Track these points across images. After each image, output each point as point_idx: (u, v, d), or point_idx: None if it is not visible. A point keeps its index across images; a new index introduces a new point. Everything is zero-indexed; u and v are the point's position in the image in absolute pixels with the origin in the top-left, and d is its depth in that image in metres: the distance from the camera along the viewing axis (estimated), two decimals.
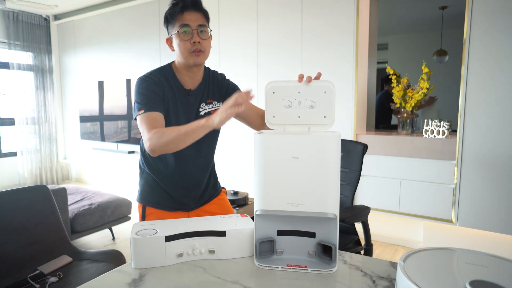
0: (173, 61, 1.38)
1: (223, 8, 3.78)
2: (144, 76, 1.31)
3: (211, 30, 1.33)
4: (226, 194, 1.61)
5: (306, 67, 3.30)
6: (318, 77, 1.09)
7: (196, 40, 1.27)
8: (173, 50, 1.34)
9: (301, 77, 1.06)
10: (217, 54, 3.85)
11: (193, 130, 1.11)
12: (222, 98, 1.43)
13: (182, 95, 1.35)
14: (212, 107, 1.41)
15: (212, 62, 3.87)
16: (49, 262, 1.76)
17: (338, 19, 3.09)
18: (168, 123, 1.29)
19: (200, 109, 1.38)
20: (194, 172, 1.40)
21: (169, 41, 1.35)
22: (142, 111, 1.22)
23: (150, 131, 1.17)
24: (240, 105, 1.02)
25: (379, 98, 4.26)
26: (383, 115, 4.29)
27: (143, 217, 1.43)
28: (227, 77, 1.48)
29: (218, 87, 1.43)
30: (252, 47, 3.62)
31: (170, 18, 1.30)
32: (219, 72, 1.49)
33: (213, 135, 1.43)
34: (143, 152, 1.41)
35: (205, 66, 1.41)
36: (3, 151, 5.34)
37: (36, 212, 1.85)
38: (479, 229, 2.66)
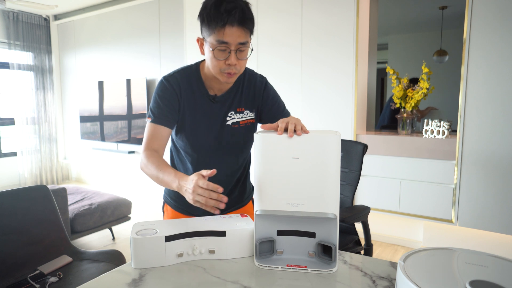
0: (203, 60, 1.21)
1: None
2: (164, 78, 1.20)
3: (252, 50, 1.13)
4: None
5: (306, 67, 3.30)
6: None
7: (233, 63, 1.08)
8: (203, 53, 1.15)
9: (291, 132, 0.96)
10: None
11: (164, 183, 1.08)
12: (256, 109, 1.26)
13: (205, 101, 1.20)
14: (242, 117, 1.24)
15: None
16: (49, 262, 1.76)
17: (338, 19, 3.09)
18: (187, 132, 1.22)
19: (228, 118, 1.22)
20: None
21: (200, 41, 1.15)
22: (150, 119, 1.19)
23: (145, 149, 1.16)
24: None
25: (390, 100, 4.21)
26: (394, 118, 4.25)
27: (163, 213, 1.42)
28: (270, 84, 1.29)
29: (254, 95, 1.25)
30: (252, 42, 3.61)
31: (207, 21, 1.06)
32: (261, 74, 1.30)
33: (243, 148, 1.29)
34: (171, 150, 1.36)
35: None
36: (3, 151, 5.34)
37: (36, 212, 1.85)
38: (479, 229, 2.66)
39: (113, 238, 3.36)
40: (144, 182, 4.89)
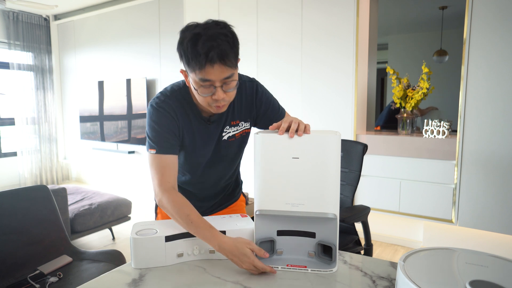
0: None
1: (223, 3, 3.78)
2: (156, 104, 1.12)
3: (237, 81, 1.05)
4: (246, 201, 1.51)
5: (306, 67, 3.30)
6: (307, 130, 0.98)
7: (220, 98, 1.02)
8: (188, 85, 1.09)
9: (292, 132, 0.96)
10: None
11: (198, 235, 1.03)
12: (251, 118, 1.23)
13: (201, 124, 1.16)
14: (237, 130, 1.21)
15: None
16: (49, 262, 1.76)
17: (338, 19, 3.09)
18: (184, 156, 1.20)
19: (223, 134, 1.20)
20: (210, 193, 1.32)
21: (184, 73, 1.09)
22: (154, 151, 1.11)
23: (162, 189, 1.09)
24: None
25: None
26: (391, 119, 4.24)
27: (155, 214, 1.42)
28: (260, 86, 1.23)
29: (246, 105, 1.21)
30: (252, 42, 3.61)
31: (185, 60, 1.00)
32: (251, 77, 1.24)
33: (238, 155, 1.31)
34: None
35: None
36: (3, 151, 5.34)
37: (36, 212, 1.85)
38: (479, 229, 2.66)
39: (113, 238, 3.36)
40: (144, 182, 4.89)
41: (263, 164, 0.99)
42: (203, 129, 1.17)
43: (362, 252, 1.83)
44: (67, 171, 6.06)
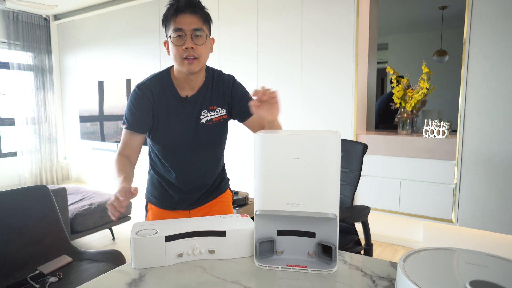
0: (173, 65, 1.31)
1: (223, 3, 3.78)
2: (137, 86, 1.28)
3: (207, 35, 1.23)
4: (232, 195, 1.56)
5: (306, 67, 3.30)
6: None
7: (189, 46, 1.18)
8: (169, 54, 1.26)
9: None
10: (216, 50, 3.86)
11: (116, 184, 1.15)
12: (227, 105, 1.35)
13: (177, 104, 1.28)
14: (215, 115, 1.32)
15: (212, 59, 3.87)
16: (49, 262, 1.76)
17: (338, 19, 3.09)
18: (161, 135, 1.29)
19: (201, 117, 1.30)
20: (195, 186, 1.38)
21: (166, 44, 1.27)
22: (124, 126, 1.28)
23: (117, 154, 1.28)
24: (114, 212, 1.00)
25: (388, 97, 4.20)
26: (389, 115, 4.25)
27: (146, 212, 1.47)
28: (237, 81, 1.37)
29: (223, 92, 1.33)
30: (252, 42, 3.61)
31: (165, 21, 1.23)
32: (227, 73, 1.38)
33: (219, 144, 1.38)
34: (149, 153, 1.42)
35: (208, 67, 1.33)
36: (3, 151, 5.34)
37: (36, 212, 1.85)
38: (479, 229, 2.66)
39: (113, 238, 3.36)
40: (144, 182, 4.89)
41: (263, 164, 0.99)
42: (180, 107, 1.28)
43: (362, 252, 1.83)
44: (67, 171, 6.06)
